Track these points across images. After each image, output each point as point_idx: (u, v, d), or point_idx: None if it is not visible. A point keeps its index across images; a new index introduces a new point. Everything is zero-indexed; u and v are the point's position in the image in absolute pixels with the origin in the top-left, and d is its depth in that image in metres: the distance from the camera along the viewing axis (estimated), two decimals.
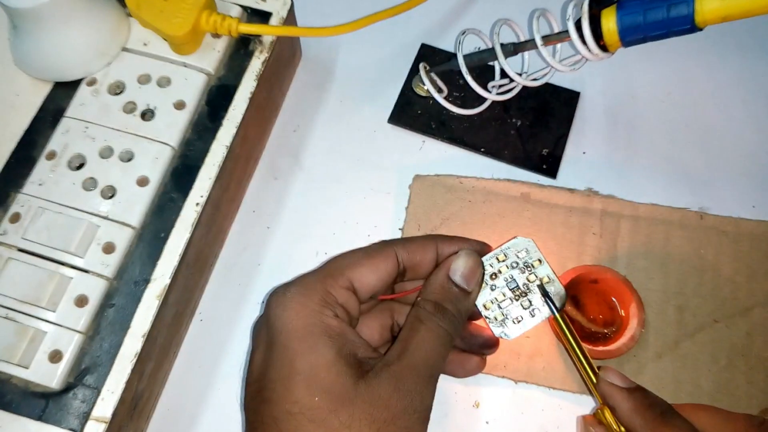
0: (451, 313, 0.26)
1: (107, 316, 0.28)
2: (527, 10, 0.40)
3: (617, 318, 0.33)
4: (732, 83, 0.40)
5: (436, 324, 0.25)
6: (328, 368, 0.23)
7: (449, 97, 0.38)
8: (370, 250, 0.27)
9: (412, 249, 0.27)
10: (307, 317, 0.24)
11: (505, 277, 0.28)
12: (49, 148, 0.31)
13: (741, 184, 0.37)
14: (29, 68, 0.33)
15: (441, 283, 0.26)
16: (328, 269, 0.26)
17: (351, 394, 0.23)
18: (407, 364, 0.24)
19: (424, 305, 0.26)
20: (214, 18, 0.32)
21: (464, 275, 0.26)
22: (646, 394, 0.27)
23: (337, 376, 0.23)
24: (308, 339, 0.24)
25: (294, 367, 0.24)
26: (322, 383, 0.23)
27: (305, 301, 0.25)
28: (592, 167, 0.37)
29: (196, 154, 0.31)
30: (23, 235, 0.29)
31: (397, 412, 0.23)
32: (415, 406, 0.23)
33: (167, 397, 0.32)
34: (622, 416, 0.26)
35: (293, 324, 0.24)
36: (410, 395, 0.23)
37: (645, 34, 0.28)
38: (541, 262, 0.28)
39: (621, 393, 0.27)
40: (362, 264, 0.26)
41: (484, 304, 0.28)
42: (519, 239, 0.28)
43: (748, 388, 0.32)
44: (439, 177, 0.36)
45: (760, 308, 0.33)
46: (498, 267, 0.28)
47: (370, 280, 0.26)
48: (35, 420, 0.26)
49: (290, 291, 0.25)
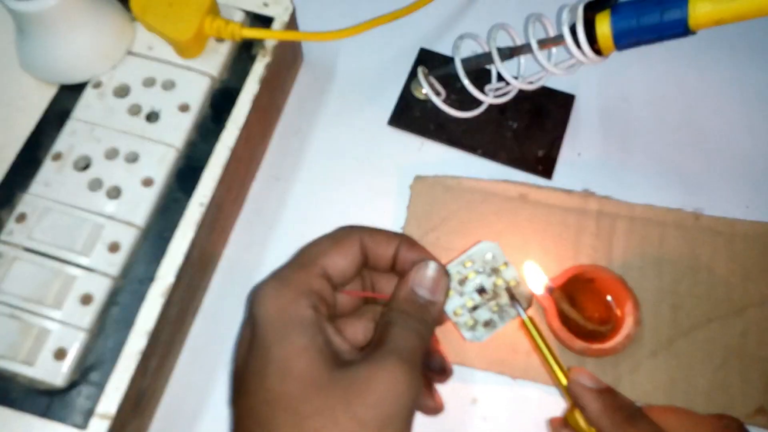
0: (418, 322, 0.26)
1: (112, 314, 0.28)
2: (523, 15, 0.41)
3: (613, 316, 0.33)
4: (725, 85, 0.40)
5: (409, 325, 0.25)
6: (299, 355, 0.23)
7: (447, 100, 0.39)
8: (337, 237, 0.27)
9: (377, 239, 0.27)
10: (281, 307, 0.24)
11: (474, 283, 0.28)
12: (55, 149, 0.31)
13: (735, 185, 0.37)
14: (35, 71, 0.33)
15: (406, 296, 0.26)
16: (300, 260, 0.26)
17: (324, 381, 0.23)
18: (387, 350, 0.24)
19: (392, 314, 0.26)
20: (218, 23, 0.33)
21: (428, 287, 0.26)
22: (615, 396, 0.27)
23: (310, 362, 0.23)
24: (281, 329, 0.24)
25: (268, 356, 0.24)
26: (293, 371, 0.23)
27: (280, 293, 0.25)
28: (587, 168, 0.38)
29: (200, 156, 0.32)
30: (29, 234, 0.29)
31: (378, 397, 0.22)
32: (398, 391, 0.23)
33: (171, 394, 0.32)
34: (590, 417, 0.26)
35: (269, 315, 0.24)
36: (392, 378, 0.23)
37: (639, 38, 0.29)
38: (507, 265, 0.28)
39: (590, 393, 0.26)
40: (332, 251, 0.26)
41: (454, 311, 0.28)
42: (484, 243, 0.28)
43: (742, 386, 0.32)
44: (438, 178, 0.37)
45: (754, 308, 0.33)
46: (465, 273, 0.28)
47: (341, 266, 0.26)
48: (40, 417, 0.27)
49: (267, 285, 0.25)
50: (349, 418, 0.22)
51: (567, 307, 0.32)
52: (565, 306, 0.32)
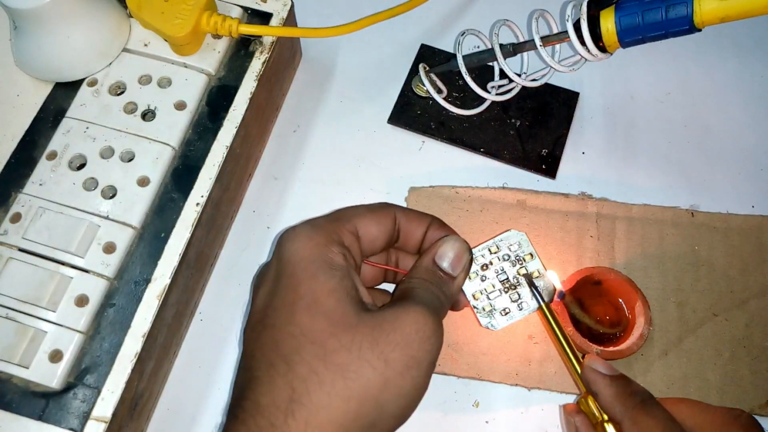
0: (438, 290, 0.26)
1: (107, 315, 0.28)
2: (526, 11, 0.40)
3: (623, 318, 0.33)
4: (731, 83, 0.40)
5: (429, 289, 0.26)
6: (329, 294, 0.24)
7: (449, 98, 0.38)
8: (374, 206, 0.28)
9: (410, 217, 0.28)
10: (313, 249, 0.25)
11: (496, 269, 0.28)
12: (50, 148, 0.31)
13: (737, 182, 0.37)
14: (30, 68, 0.33)
15: (427, 266, 0.27)
16: (335, 214, 0.27)
17: (353, 320, 0.23)
18: (413, 301, 0.24)
19: (412, 281, 0.26)
20: (215, 19, 0.32)
21: (451, 260, 0.27)
22: (628, 382, 0.27)
23: (338, 302, 0.24)
24: (311, 267, 0.24)
25: (297, 292, 0.24)
26: (322, 308, 0.23)
27: (312, 236, 0.25)
28: (591, 167, 0.37)
29: (197, 155, 0.32)
30: (24, 235, 0.29)
31: (404, 338, 0.23)
32: (424, 334, 0.23)
33: (167, 396, 0.32)
34: (603, 402, 0.27)
35: (300, 254, 0.25)
36: (420, 320, 0.23)
37: (643, 35, 0.29)
38: (532, 257, 0.28)
39: (604, 380, 0.27)
40: (367, 217, 0.27)
41: (473, 294, 0.28)
42: (512, 232, 0.28)
43: (753, 378, 0.32)
44: (434, 188, 0.36)
45: (755, 300, 0.34)
46: (490, 258, 0.28)
47: (373, 233, 0.27)
48: (35, 420, 0.26)
49: (299, 227, 0.26)
50: (375, 356, 0.23)
51: (579, 312, 0.32)
52: (576, 311, 0.32)
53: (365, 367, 0.22)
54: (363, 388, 0.22)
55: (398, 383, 0.23)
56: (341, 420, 0.22)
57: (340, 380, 0.22)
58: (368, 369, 0.22)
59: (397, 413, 0.23)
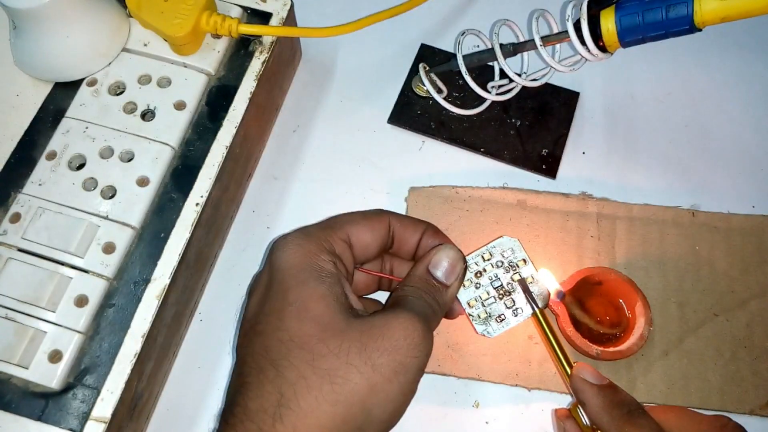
0: (431, 299, 0.26)
1: (107, 316, 0.28)
2: (527, 11, 0.40)
3: (624, 318, 0.33)
4: (731, 83, 0.40)
5: (422, 297, 0.26)
6: (318, 300, 0.24)
7: (449, 98, 0.38)
8: (368, 213, 0.28)
9: (405, 224, 0.28)
10: (303, 257, 0.25)
11: (490, 276, 0.28)
12: (49, 148, 0.31)
13: (737, 182, 0.37)
14: (30, 68, 0.33)
15: (420, 275, 0.27)
16: (328, 222, 0.27)
17: (341, 326, 0.23)
18: (403, 308, 0.24)
19: (405, 289, 0.26)
20: (215, 19, 0.32)
21: (445, 270, 0.27)
22: (615, 392, 0.27)
23: (327, 308, 0.24)
24: (301, 275, 0.25)
25: (287, 299, 0.24)
26: (311, 313, 0.24)
27: (304, 244, 0.25)
28: (591, 167, 0.37)
29: (196, 155, 0.31)
30: (23, 235, 0.29)
31: (392, 344, 0.23)
32: (413, 341, 0.23)
33: (167, 397, 0.32)
34: (591, 412, 0.27)
35: (290, 262, 0.25)
36: (408, 327, 0.23)
37: (644, 35, 0.28)
38: (525, 262, 0.28)
39: (592, 389, 0.27)
40: (360, 224, 0.27)
41: (468, 302, 0.28)
42: (504, 238, 0.28)
43: (753, 378, 0.32)
44: (434, 188, 0.36)
45: (756, 300, 0.34)
46: (483, 265, 0.28)
47: (366, 240, 0.27)
48: (35, 420, 0.26)
49: (290, 235, 0.26)
50: (363, 361, 0.23)
51: (579, 313, 0.32)
52: (576, 311, 0.32)
53: (353, 372, 0.23)
54: (350, 393, 0.22)
55: (385, 389, 0.23)
56: (329, 424, 0.22)
57: (328, 385, 0.22)
58: (356, 374, 0.23)
59: (384, 418, 0.24)
